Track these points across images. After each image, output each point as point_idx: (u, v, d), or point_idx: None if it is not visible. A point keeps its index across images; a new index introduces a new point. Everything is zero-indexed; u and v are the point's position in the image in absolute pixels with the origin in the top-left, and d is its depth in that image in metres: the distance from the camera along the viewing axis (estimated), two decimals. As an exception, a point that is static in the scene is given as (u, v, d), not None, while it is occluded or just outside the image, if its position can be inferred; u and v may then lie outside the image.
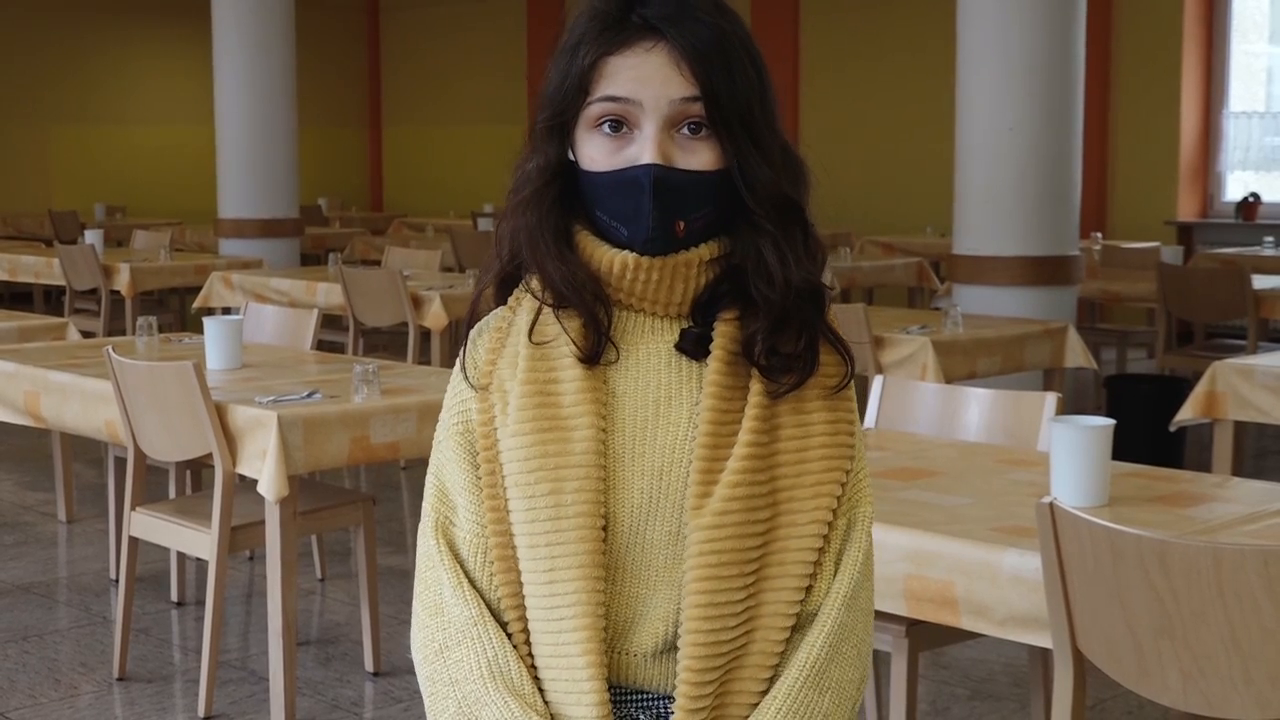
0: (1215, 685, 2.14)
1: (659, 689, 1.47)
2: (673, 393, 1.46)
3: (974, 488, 2.92)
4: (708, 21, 1.42)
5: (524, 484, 1.43)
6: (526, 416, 1.44)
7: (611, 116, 1.43)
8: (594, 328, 1.45)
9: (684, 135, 1.42)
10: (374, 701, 4.04)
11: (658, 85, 1.41)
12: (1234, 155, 11.21)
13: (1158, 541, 2.14)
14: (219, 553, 3.83)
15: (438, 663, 1.45)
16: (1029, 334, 5.70)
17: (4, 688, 4.14)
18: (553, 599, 1.42)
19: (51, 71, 14.70)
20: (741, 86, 1.42)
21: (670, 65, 1.41)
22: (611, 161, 1.42)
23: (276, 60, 9.76)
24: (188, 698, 4.05)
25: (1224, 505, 2.79)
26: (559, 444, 1.43)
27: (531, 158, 1.48)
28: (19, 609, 4.82)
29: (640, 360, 1.47)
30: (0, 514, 6.05)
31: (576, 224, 1.47)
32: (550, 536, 1.42)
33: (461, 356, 1.52)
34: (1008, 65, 6.34)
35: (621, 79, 1.42)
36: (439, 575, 1.47)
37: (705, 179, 1.43)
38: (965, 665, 4.25)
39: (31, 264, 9.57)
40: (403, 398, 3.98)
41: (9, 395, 4.57)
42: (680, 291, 1.46)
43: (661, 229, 1.42)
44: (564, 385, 1.45)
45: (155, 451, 4.09)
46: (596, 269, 1.45)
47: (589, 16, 1.45)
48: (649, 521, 1.44)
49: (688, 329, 1.48)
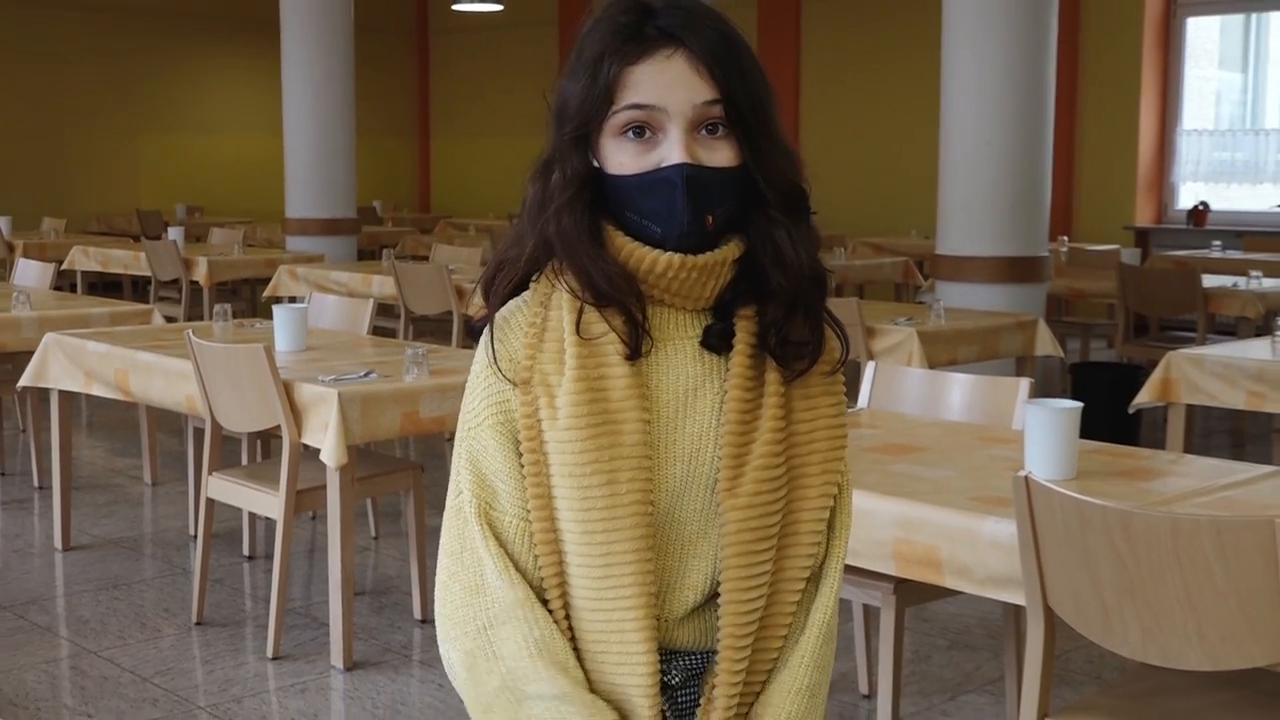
0: (1171, 640, 2.13)
1: (687, 647, 1.46)
2: (699, 384, 1.43)
3: (956, 462, 2.92)
4: (715, 28, 1.39)
5: (577, 475, 1.38)
6: (580, 413, 1.39)
7: (636, 123, 1.38)
8: (633, 324, 1.40)
9: (704, 135, 1.39)
10: (421, 645, 4.05)
11: (680, 91, 1.37)
12: (1186, 168, 11.20)
13: (1121, 511, 2.13)
14: (286, 513, 3.84)
15: (481, 639, 1.40)
16: (1003, 325, 5.69)
17: (96, 630, 4.16)
18: (608, 579, 1.38)
19: (140, 87, 14.74)
20: (753, 87, 1.39)
21: (690, 71, 1.37)
22: (640, 164, 1.38)
23: (337, 78, 9.77)
24: (257, 641, 4.06)
25: (1179, 479, 2.78)
26: (610, 437, 1.38)
27: (556, 167, 1.43)
28: (110, 561, 4.84)
29: (670, 354, 1.44)
30: (93, 477, 6.08)
31: (605, 223, 1.43)
32: (606, 524, 1.37)
33: (490, 350, 1.46)
34: (986, 86, 6.34)
35: (645, 87, 1.38)
36: (481, 557, 1.41)
37: (728, 174, 1.39)
38: (945, 619, 4.24)
39: (121, 257, 9.60)
40: (448, 378, 3.98)
41: (102, 373, 4.59)
42: (711, 288, 1.42)
43: (695, 224, 1.38)
44: (612, 381, 1.40)
45: (230, 423, 4.10)
46: (634, 267, 1.41)
47: (605, 31, 1.40)
48: (680, 501, 1.42)
49: (711, 325, 1.44)
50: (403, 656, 3.97)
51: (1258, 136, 11.07)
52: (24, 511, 5.54)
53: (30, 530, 5.27)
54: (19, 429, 6.57)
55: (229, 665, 3.89)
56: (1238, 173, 11.01)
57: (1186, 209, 10.88)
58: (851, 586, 2.91)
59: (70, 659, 3.96)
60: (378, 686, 3.74)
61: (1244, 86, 11.64)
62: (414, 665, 3.90)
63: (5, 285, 6.69)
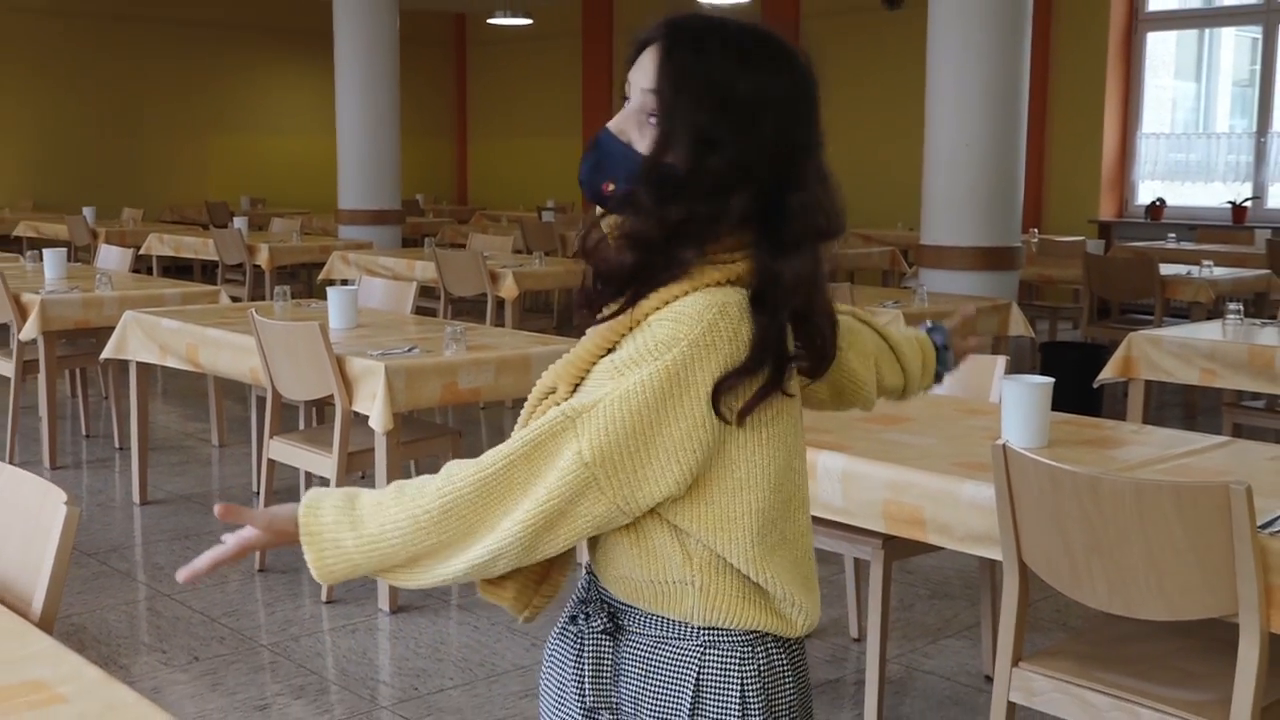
0: (1134, 592, 2.11)
1: None
2: None
3: (939, 431, 2.90)
4: (692, 33, 1.42)
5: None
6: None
7: None
8: None
9: (649, 123, 1.40)
10: (459, 591, 4.05)
11: (637, 72, 1.41)
12: (1145, 168, 11.15)
13: (1089, 476, 2.11)
14: (338, 472, 3.84)
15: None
16: (980, 308, 5.66)
17: (169, 575, 4.17)
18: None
19: (209, 92, 14.74)
20: (688, 89, 1.41)
21: (650, 59, 1.40)
22: None
23: (384, 85, 9.76)
24: (313, 586, 4.06)
25: (1140, 448, 2.75)
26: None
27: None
28: (181, 514, 4.86)
29: None
30: (167, 439, 6.09)
31: None
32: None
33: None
34: (966, 94, 6.32)
35: None
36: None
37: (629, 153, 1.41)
38: (926, 571, 4.23)
39: (192, 243, 9.61)
40: (483, 353, 3.97)
41: (174, 346, 4.59)
42: None
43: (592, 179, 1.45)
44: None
45: (288, 392, 4.09)
46: None
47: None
48: None
49: None
50: (442, 601, 3.97)
51: (1209, 140, 11.02)
52: (106, 469, 5.56)
53: (112, 486, 5.28)
54: (102, 396, 6.58)
55: (288, 608, 3.90)
56: (1191, 172, 10.97)
57: (1145, 204, 10.84)
58: (844, 542, 2.90)
59: (147, 601, 3.98)
60: (419, 628, 3.74)
61: (1197, 95, 11.62)
62: (452, 609, 3.91)
63: (89, 268, 6.70)
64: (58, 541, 1.80)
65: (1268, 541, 2.02)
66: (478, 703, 3.24)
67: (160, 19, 14.18)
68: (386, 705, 3.22)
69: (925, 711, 3.22)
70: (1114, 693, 2.19)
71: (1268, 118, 10.46)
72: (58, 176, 13.79)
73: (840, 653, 3.58)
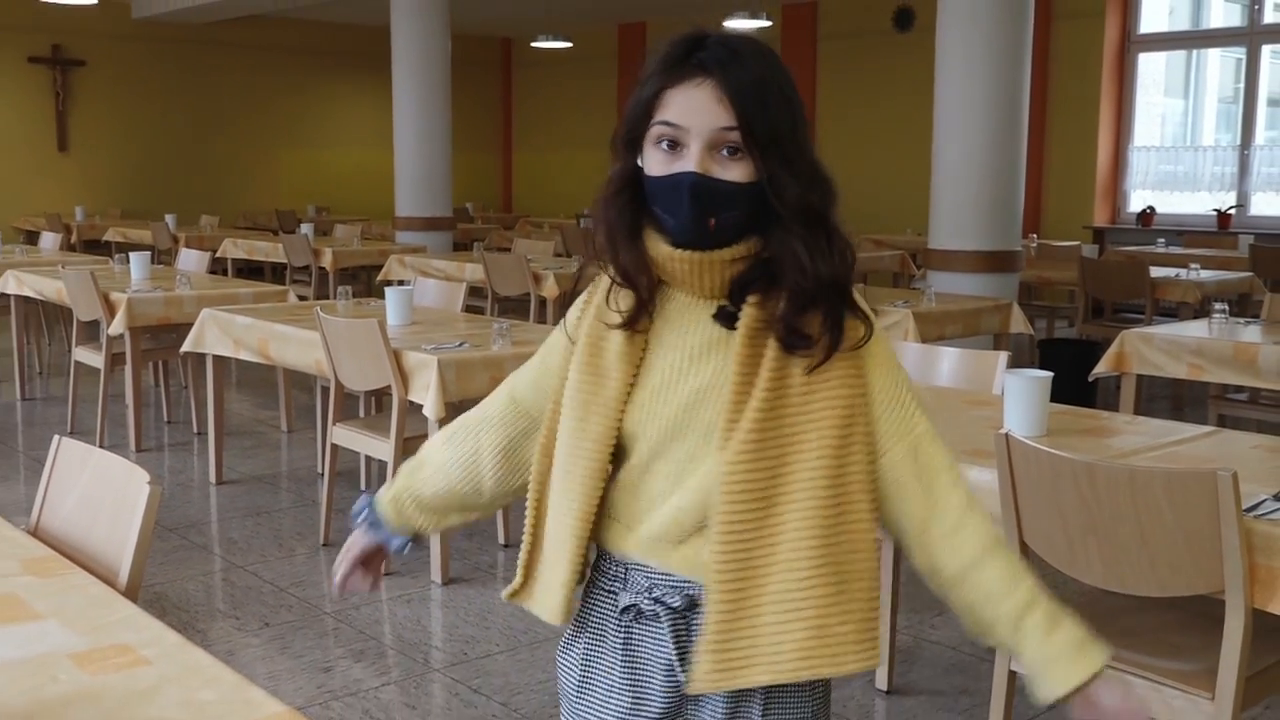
0: (1128, 570, 2.09)
1: (683, 573, 1.39)
2: (704, 351, 1.38)
3: (945, 421, 2.86)
4: (751, 66, 1.33)
5: (567, 407, 1.43)
6: (580, 363, 1.42)
7: (666, 137, 1.34)
8: (639, 303, 1.39)
9: (723, 155, 1.33)
10: (504, 565, 4.06)
11: (702, 115, 1.32)
12: (1136, 178, 11.03)
13: (1086, 464, 2.08)
14: (395, 456, 3.85)
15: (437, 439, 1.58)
16: (983, 307, 5.63)
17: (243, 548, 4.20)
18: (566, 489, 1.41)
19: (279, 110, 14.82)
20: (773, 119, 1.32)
21: (713, 100, 1.32)
22: (665, 169, 1.34)
23: (437, 102, 9.78)
24: (372, 559, 4.08)
25: (1133, 437, 2.72)
26: (595, 384, 1.40)
27: (613, 165, 1.41)
28: (254, 493, 4.89)
29: (687, 324, 1.39)
30: (241, 425, 6.13)
31: (646, 221, 1.39)
32: (572, 449, 1.41)
33: (566, 313, 1.52)
34: (971, 110, 6.28)
35: (675, 108, 1.33)
36: (492, 400, 1.57)
37: (738, 188, 1.33)
38: (933, 549, 4.20)
39: (263, 247, 9.67)
40: (527, 347, 3.96)
41: (247, 341, 4.61)
42: (709, 279, 1.37)
43: (695, 222, 1.34)
44: (610, 345, 1.41)
45: (350, 383, 4.11)
46: (652, 256, 1.38)
47: (659, 57, 1.36)
48: (675, 439, 1.37)
49: (722, 307, 1.38)
50: (489, 574, 3.97)
51: (1196, 152, 10.89)
52: (186, 452, 5.60)
53: (191, 467, 5.32)
54: (182, 386, 6.63)
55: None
56: (1179, 182, 10.85)
57: (1136, 212, 10.73)
58: (858, 522, 2.88)
59: (222, 572, 4.00)
60: (469, 598, 3.75)
61: (1185, 111, 11.49)
62: (499, 581, 3.91)
63: (171, 270, 6.75)
64: (141, 518, 1.81)
65: (1252, 524, 1.99)
66: (520, 666, 3.24)
67: (236, 44, 14.26)
68: (438, 668, 3.23)
69: (932, 678, 3.20)
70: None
71: (1250, 132, 10.35)
72: (143, 187, 13.90)
73: (853, 623, 3.56)
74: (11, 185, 13.09)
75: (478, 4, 12.75)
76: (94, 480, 1.97)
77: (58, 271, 6.05)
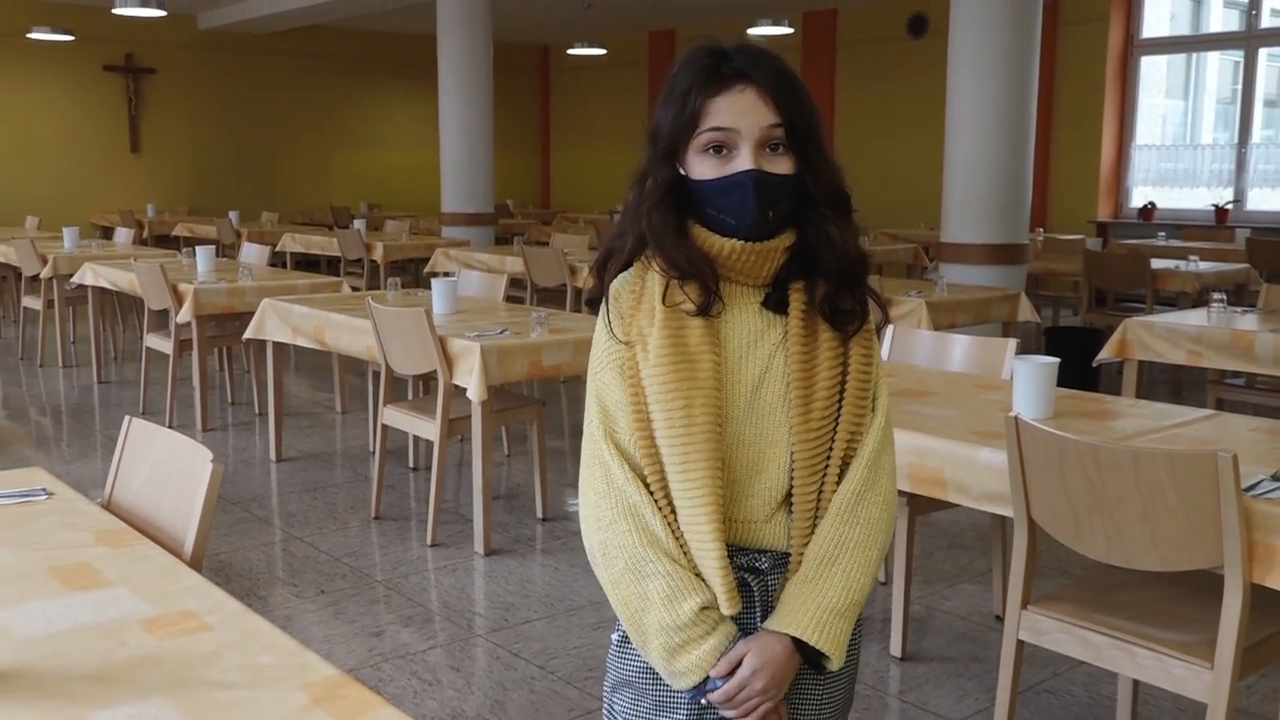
0: (1130, 546, 2.05)
1: (774, 545, 1.40)
2: (760, 335, 1.39)
3: (957, 404, 2.84)
4: (778, 68, 1.36)
5: (663, 400, 1.35)
6: (664, 355, 1.36)
7: (716, 142, 1.35)
8: (708, 292, 1.38)
9: (768, 152, 1.35)
10: (542, 537, 4.06)
11: (750, 117, 1.34)
12: (1138, 175, 10.89)
13: (1092, 445, 2.05)
14: (441, 436, 3.85)
15: (609, 531, 1.37)
16: (993, 297, 5.57)
17: (300, 520, 4.22)
18: (686, 484, 1.34)
19: (333, 114, 14.87)
20: (807, 113, 1.36)
21: (759, 101, 1.34)
22: (720, 172, 1.35)
23: (479, 106, 9.77)
24: (419, 531, 4.10)
25: (1136, 420, 2.68)
26: (688, 371, 1.36)
27: (650, 176, 1.40)
28: (310, 470, 4.91)
29: (738, 314, 1.40)
30: (299, 406, 6.16)
31: (689, 220, 1.40)
32: (684, 438, 1.34)
33: (605, 313, 1.44)
34: (981, 111, 6.22)
35: (723, 114, 1.34)
36: (610, 467, 1.37)
37: (786, 181, 1.36)
38: (944, 525, 4.17)
39: (319, 241, 9.71)
40: (563, 335, 3.96)
41: (305, 328, 4.63)
42: (767, 268, 1.39)
43: (760, 217, 1.35)
44: (690, 333, 1.37)
45: (399, 367, 4.11)
46: (710, 252, 1.38)
47: (692, 70, 1.36)
48: (747, 423, 1.37)
49: (771, 293, 1.41)
50: (528, 546, 3.98)
51: (1195, 151, 10.74)
52: (248, 431, 5.63)
53: (253, 445, 5.36)
54: (244, 370, 6.68)
55: (398, 550, 3.93)
56: (1179, 179, 10.71)
57: (1138, 207, 10.62)
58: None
59: (281, 542, 4.02)
60: (509, 568, 3.75)
61: (1185, 111, 11.32)
62: (537, 553, 3.91)
63: (234, 262, 6.78)
64: (205, 493, 1.81)
65: (1251, 503, 1.95)
66: (558, 632, 3.24)
67: (294, 53, 14.31)
68: (481, 633, 3.24)
69: (943, 646, 3.18)
70: (1112, 633, 2.14)
71: (1247, 131, 10.19)
72: (208, 185, 14.00)
73: (869, 594, 3.54)
74: (88, 184, 13.21)
75: (517, 14, 12.73)
76: (162, 458, 1.98)
77: (130, 264, 6.09)
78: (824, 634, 1.35)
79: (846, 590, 1.36)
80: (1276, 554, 1.92)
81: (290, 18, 12.67)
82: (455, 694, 2.85)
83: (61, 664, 1.29)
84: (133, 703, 1.20)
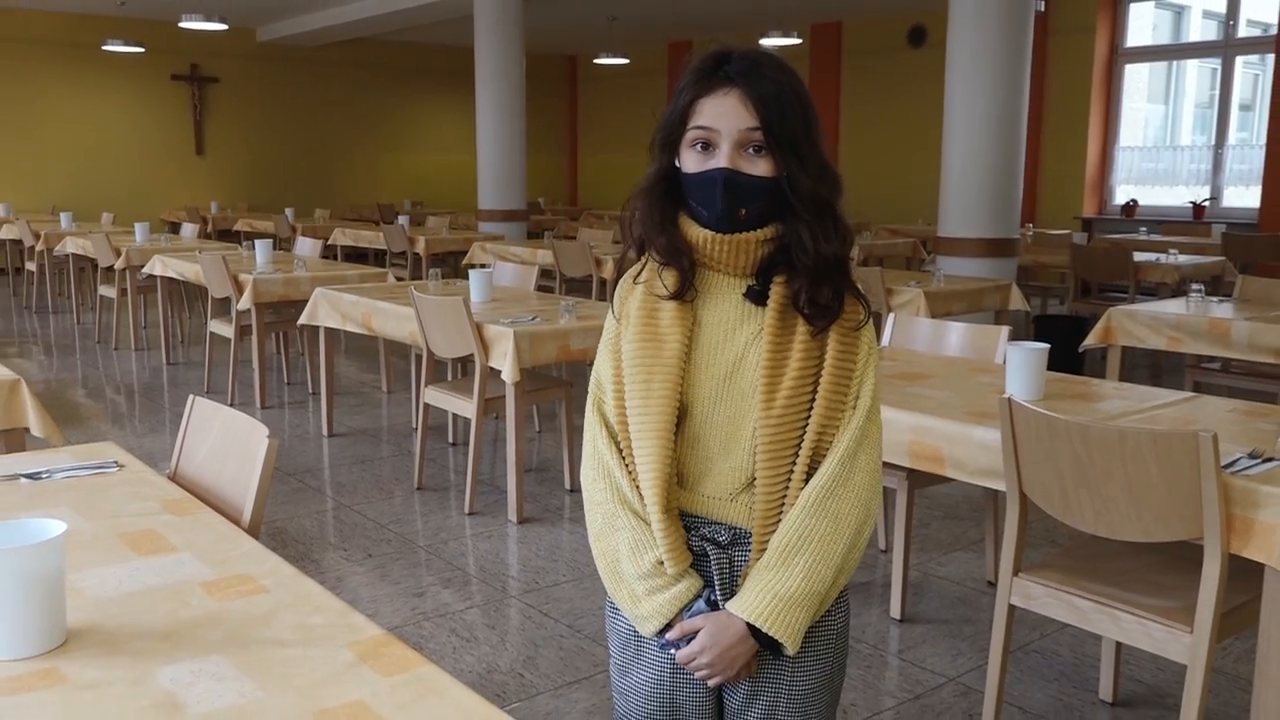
0: (1116, 518, 2.02)
1: (732, 522, 1.37)
2: (738, 324, 1.36)
3: (954, 386, 2.81)
4: (770, 77, 1.31)
5: (630, 371, 1.36)
6: (637, 331, 1.37)
7: (701, 139, 1.32)
8: (683, 278, 1.36)
9: (749, 153, 1.31)
10: (570, 507, 4.05)
11: (732, 119, 1.30)
12: (1121, 174, 10.78)
13: (1080, 424, 2.02)
14: (478, 414, 3.85)
15: (592, 489, 1.39)
16: (986, 288, 5.51)
17: (349, 490, 4.22)
18: (639, 451, 1.34)
19: (381, 119, 14.87)
20: (791, 122, 1.30)
21: (741, 105, 1.30)
22: (700, 167, 1.33)
23: (513, 112, 9.74)
24: (458, 501, 4.10)
25: (1120, 401, 2.64)
26: (655, 347, 1.35)
27: (651, 165, 1.39)
28: (358, 445, 4.92)
29: (718, 301, 1.37)
30: (348, 387, 6.18)
31: (681, 210, 1.38)
32: (641, 410, 1.33)
33: (611, 297, 1.46)
34: (976, 113, 6.15)
35: (707, 114, 1.32)
36: (595, 433, 1.40)
37: (762, 182, 1.31)
38: (940, 498, 4.14)
39: (367, 235, 9.72)
40: (590, 321, 3.94)
41: (353, 315, 4.63)
42: (743, 259, 1.35)
43: (728, 212, 1.32)
44: (663, 314, 1.36)
45: (439, 351, 4.11)
46: (689, 240, 1.36)
47: (691, 71, 1.35)
48: (718, 404, 1.34)
49: (751, 286, 1.37)
50: (557, 514, 3.97)
51: (1174, 152, 10.62)
52: (302, 409, 5.65)
53: (307, 422, 5.37)
54: (299, 353, 6.70)
55: (439, 518, 3.93)
56: (1159, 178, 10.59)
57: (1121, 204, 10.51)
58: (876, 473, 2.83)
59: (333, 510, 4.03)
60: (539, 535, 3.75)
61: (1165, 115, 11.19)
62: (565, 521, 3.91)
63: (289, 255, 6.80)
64: (261, 466, 1.81)
65: (1229, 479, 1.91)
66: (584, 594, 3.23)
67: (344, 63, 14.32)
68: (514, 595, 3.23)
69: (939, 609, 3.15)
70: (1097, 599, 2.11)
71: (1224, 134, 10.06)
72: (266, 185, 14.04)
73: (871, 561, 3.52)
74: (157, 184, 13.28)
75: (548, 27, 12.68)
76: (223, 433, 1.98)
77: (196, 256, 6.12)
78: (778, 621, 1.31)
79: (807, 580, 1.31)
80: (1253, 526, 1.89)
81: (341, 31, 12.67)
82: (490, 650, 2.85)
83: (130, 622, 1.29)
84: (194, 659, 1.19)
